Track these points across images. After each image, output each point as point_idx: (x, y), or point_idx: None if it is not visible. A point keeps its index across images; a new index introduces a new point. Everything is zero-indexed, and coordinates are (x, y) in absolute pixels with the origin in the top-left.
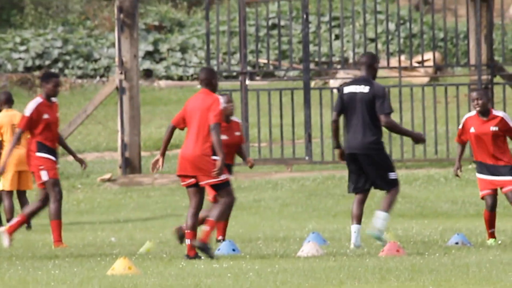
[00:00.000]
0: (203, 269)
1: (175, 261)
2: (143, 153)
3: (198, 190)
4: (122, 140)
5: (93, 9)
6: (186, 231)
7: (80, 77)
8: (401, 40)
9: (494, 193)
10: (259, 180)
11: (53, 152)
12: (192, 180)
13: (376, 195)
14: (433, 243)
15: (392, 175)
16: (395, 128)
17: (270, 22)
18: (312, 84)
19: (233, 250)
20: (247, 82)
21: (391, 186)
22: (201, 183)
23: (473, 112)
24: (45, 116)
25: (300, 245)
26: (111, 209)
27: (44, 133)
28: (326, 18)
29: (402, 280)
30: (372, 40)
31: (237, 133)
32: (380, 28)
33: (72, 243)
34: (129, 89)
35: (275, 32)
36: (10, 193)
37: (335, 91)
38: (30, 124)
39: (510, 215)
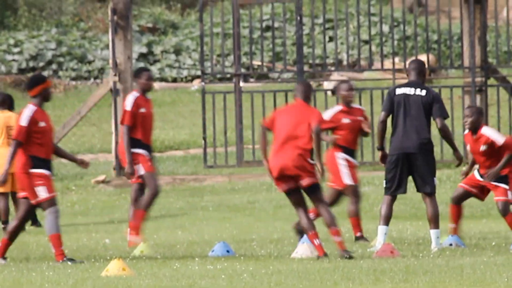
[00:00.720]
0: (197, 270)
1: (169, 263)
2: None
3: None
4: (116, 142)
5: (86, 11)
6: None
7: (74, 79)
8: (395, 42)
9: (472, 191)
10: (253, 182)
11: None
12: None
13: (371, 197)
14: (427, 244)
15: (435, 180)
16: (447, 133)
17: (264, 24)
18: None
19: (227, 251)
20: (241, 84)
21: (434, 190)
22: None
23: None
24: (141, 110)
25: (294, 247)
26: (105, 210)
27: (138, 128)
28: (320, 20)
29: (396, 282)
30: (366, 42)
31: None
32: (374, 30)
33: (66, 245)
34: (123, 91)
35: (269, 34)
36: (5, 194)
37: (329, 93)
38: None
39: None
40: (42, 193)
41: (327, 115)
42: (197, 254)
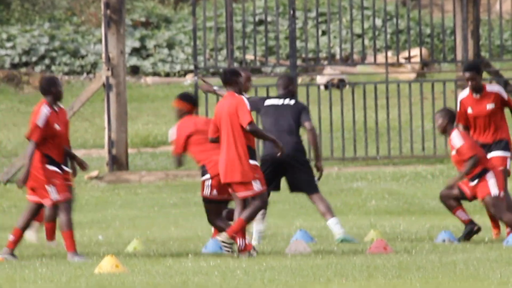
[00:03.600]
0: (191, 267)
1: (163, 259)
2: (130, 150)
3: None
4: (109, 137)
5: (79, 5)
6: None
7: (66, 73)
8: (388, 36)
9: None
10: None
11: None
12: None
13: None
14: (420, 240)
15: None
16: (314, 137)
17: (257, 18)
18: (299, 80)
19: (221, 248)
20: None
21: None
22: None
23: (466, 92)
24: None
25: (288, 243)
26: (98, 206)
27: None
28: (313, 14)
29: (389, 278)
30: (359, 36)
31: None
32: (367, 24)
33: (59, 241)
34: (116, 86)
35: (261, 28)
36: None
37: (322, 87)
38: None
39: None
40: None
41: None
42: (190, 251)
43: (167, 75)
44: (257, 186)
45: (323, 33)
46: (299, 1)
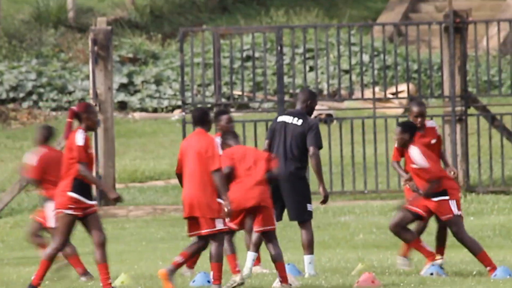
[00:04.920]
0: None
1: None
2: (117, 185)
3: None
4: (97, 172)
5: (67, 42)
6: None
7: (54, 109)
8: (375, 72)
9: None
10: None
11: None
12: None
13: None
14: (408, 274)
15: (309, 207)
16: (316, 162)
17: (244, 54)
18: None
19: (208, 281)
20: None
21: (306, 218)
22: None
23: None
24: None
25: (276, 277)
26: (85, 240)
27: None
28: (300, 50)
29: None
30: (346, 71)
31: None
32: (354, 59)
33: (47, 276)
34: (103, 121)
35: (249, 64)
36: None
37: None
38: None
39: (485, 246)
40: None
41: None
42: (178, 285)
43: (155, 110)
44: (219, 225)
45: (311, 69)
46: (286, 37)
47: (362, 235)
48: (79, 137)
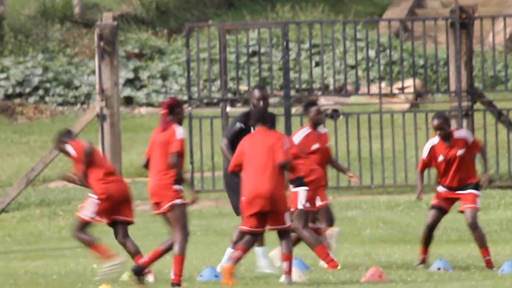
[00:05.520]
0: None
1: (158, 287)
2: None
3: None
4: None
5: (73, 37)
6: None
7: (60, 104)
8: (381, 67)
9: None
10: None
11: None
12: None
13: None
14: (415, 268)
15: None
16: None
17: (250, 49)
18: (293, 110)
19: (216, 276)
20: (228, 109)
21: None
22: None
23: (436, 140)
24: (315, 146)
25: (282, 272)
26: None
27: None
28: (306, 45)
29: None
30: (352, 67)
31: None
32: (360, 55)
33: (55, 270)
34: (109, 116)
35: (255, 59)
36: None
37: None
38: None
39: (492, 241)
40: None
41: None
42: (185, 279)
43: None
44: (288, 220)
45: (317, 64)
46: (292, 33)
47: (369, 230)
48: (180, 131)
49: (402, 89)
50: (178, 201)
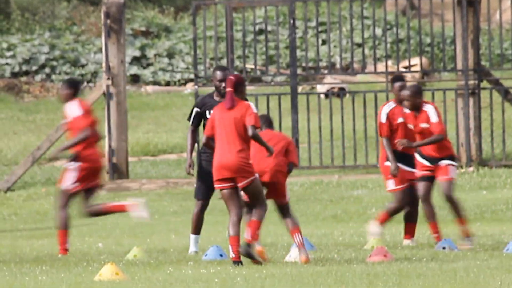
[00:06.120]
0: (191, 274)
1: (163, 267)
2: (130, 159)
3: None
4: (110, 146)
5: (79, 15)
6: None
7: None
8: (388, 45)
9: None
10: None
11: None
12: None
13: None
14: (420, 248)
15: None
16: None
17: (257, 28)
18: (300, 89)
19: (221, 255)
20: None
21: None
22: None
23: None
24: (399, 120)
25: (288, 250)
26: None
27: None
28: (313, 24)
29: (389, 285)
30: (359, 45)
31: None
32: (367, 33)
33: (59, 249)
34: (116, 95)
35: (262, 37)
36: None
37: (322, 96)
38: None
39: (498, 220)
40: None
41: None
42: (190, 258)
43: (167, 84)
44: None
45: (323, 42)
46: (299, 11)
47: (374, 209)
48: (253, 105)
49: (408, 67)
50: (257, 175)
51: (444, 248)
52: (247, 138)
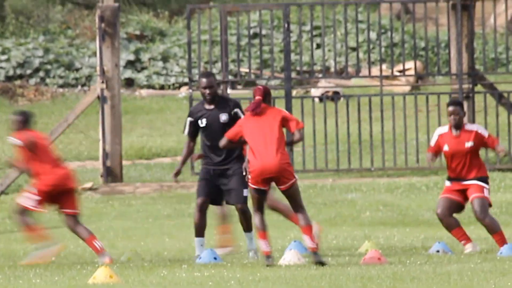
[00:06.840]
0: (185, 277)
1: (156, 270)
2: (124, 162)
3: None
4: (104, 149)
5: (74, 19)
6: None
7: (61, 86)
8: (382, 49)
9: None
10: None
11: None
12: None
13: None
14: (414, 251)
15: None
16: None
17: (251, 31)
18: (294, 92)
19: (215, 258)
20: (229, 91)
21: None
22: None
23: (446, 128)
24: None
25: (282, 254)
26: (92, 217)
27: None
28: (307, 27)
29: None
30: (353, 49)
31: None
32: (362, 37)
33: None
34: (110, 98)
35: (256, 41)
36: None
37: (316, 100)
38: None
39: None
40: None
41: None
42: (184, 261)
43: (162, 87)
44: None
45: (318, 46)
46: (293, 15)
47: (368, 213)
48: (285, 111)
49: (403, 71)
50: (297, 177)
51: (438, 251)
52: (283, 140)
